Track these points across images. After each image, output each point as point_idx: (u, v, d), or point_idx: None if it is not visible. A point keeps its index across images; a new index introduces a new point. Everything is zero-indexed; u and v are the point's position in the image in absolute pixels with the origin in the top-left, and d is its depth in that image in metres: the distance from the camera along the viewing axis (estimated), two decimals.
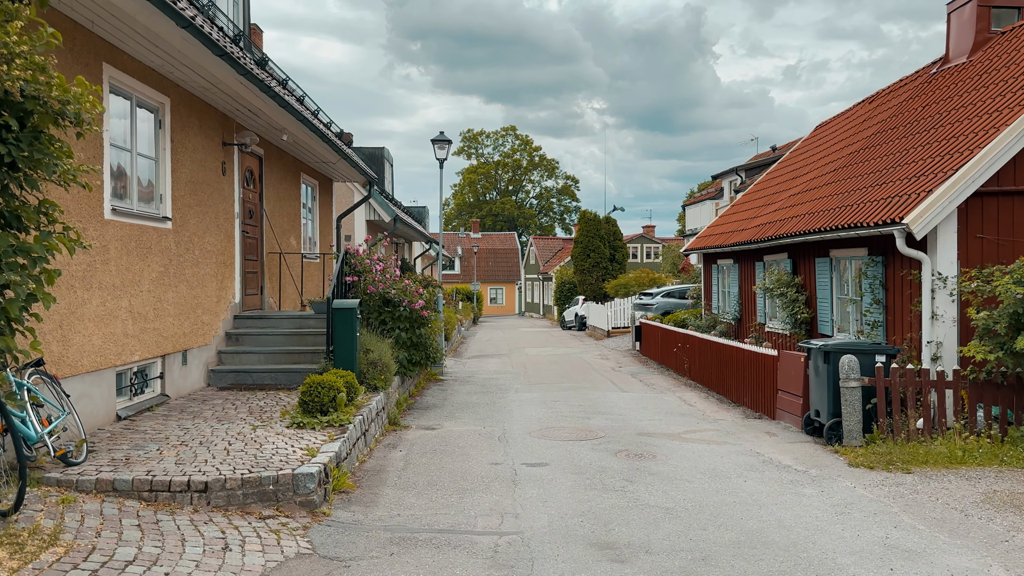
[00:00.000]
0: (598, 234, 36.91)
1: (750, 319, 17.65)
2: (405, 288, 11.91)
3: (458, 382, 16.05)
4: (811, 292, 14.10)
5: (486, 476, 7.65)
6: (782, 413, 11.18)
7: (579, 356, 22.68)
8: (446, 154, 18.14)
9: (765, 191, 20.20)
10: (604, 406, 12.53)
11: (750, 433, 10.28)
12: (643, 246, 59.94)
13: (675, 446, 9.25)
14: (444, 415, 11.51)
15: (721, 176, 41.09)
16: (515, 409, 12.15)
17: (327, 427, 7.93)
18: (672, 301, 26.50)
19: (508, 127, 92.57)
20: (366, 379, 10.26)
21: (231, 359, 10.83)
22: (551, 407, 12.36)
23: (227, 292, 11.15)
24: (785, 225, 14.79)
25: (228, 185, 11.23)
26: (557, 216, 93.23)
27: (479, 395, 13.91)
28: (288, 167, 14.28)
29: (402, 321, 11.88)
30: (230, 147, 11.24)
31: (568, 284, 44.23)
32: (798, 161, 20.01)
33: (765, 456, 8.79)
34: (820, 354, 9.80)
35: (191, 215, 9.92)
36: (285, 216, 14.06)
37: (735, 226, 19.43)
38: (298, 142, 13.11)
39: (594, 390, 14.70)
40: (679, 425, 10.84)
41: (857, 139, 16.13)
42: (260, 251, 12.77)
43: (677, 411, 12.20)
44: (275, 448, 7.01)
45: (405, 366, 12.02)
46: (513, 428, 10.39)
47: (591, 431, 10.18)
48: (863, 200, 11.95)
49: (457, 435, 9.85)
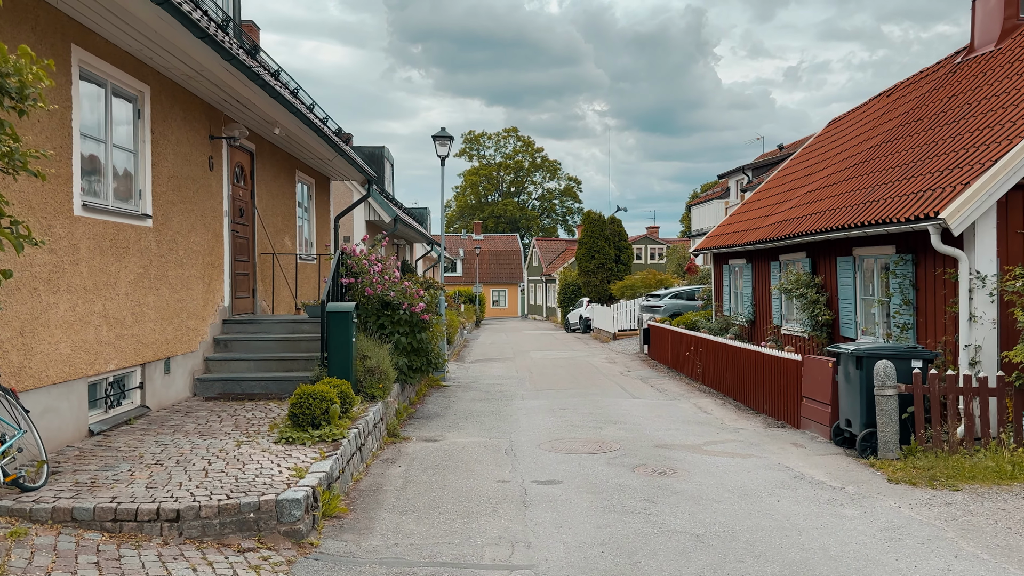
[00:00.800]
0: (603, 235, 36.21)
1: (765, 321, 16.95)
2: (405, 290, 11.23)
3: (461, 388, 15.35)
4: (832, 293, 13.40)
5: (493, 496, 6.96)
6: (807, 422, 10.48)
7: (586, 360, 21.99)
8: (447, 151, 17.45)
9: (778, 188, 19.50)
10: (616, 414, 11.84)
11: (775, 444, 9.57)
12: (647, 247, 59.27)
13: (697, 460, 8.55)
14: (447, 425, 10.81)
15: (727, 175, 40.39)
16: (522, 418, 11.45)
17: (319, 442, 7.24)
18: (680, 303, 25.79)
19: (510, 128, 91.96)
20: (363, 388, 9.57)
21: (219, 367, 10.14)
22: (560, 416, 11.66)
23: (215, 295, 10.47)
24: (803, 223, 14.09)
25: (216, 181, 10.56)
26: (559, 218, 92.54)
27: (483, 402, 13.22)
28: (282, 164, 13.61)
29: (402, 325, 11.20)
30: (218, 141, 10.56)
31: (572, 286, 43.54)
32: (812, 157, 19.31)
33: (795, 471, 8.08)
34: (851, 359, 9.10)
35: (174, 213, 9.24)
36: (279, 215, 13.39)
37: (747, 225, 18.73)
38: (291, 137, 12.43)
39: (604, 396, 14.01)
40: (698, 435, 10.14)
41: (877, 133, 15.43)
42: (252, 252, 12.09)
43: (694, 419, 11.50)
44: (259, 468, 6.32)
45: (405, 373, 11.33)
46: (521, 440, 9.70)
47: (605, 443, 9.48)
48: (890, 195, 11.26)
49: (461, 448, 9.15)
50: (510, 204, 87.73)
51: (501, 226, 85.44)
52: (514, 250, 72.95)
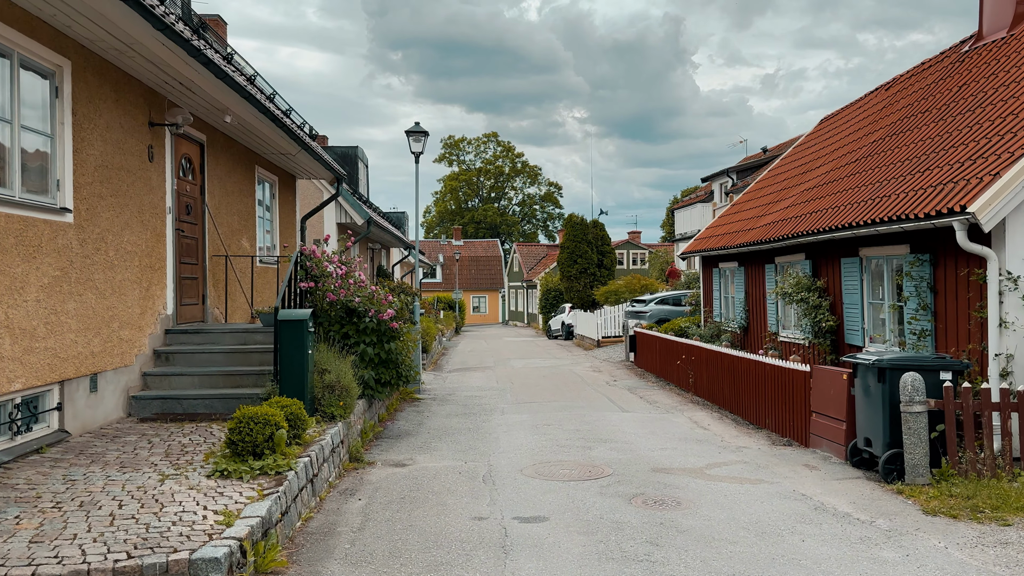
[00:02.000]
0: (585, 239, 35.21)
1: (759, 328, 15.98)
2: (372, 295, 10.10)
3: (437, 401, 14.23)
4: (836, 297, 12.44)
5: (467, 539, 5.85)
6: (818, 440, 9.47)
7: (569, 368, 20.93)
8: (422, 147, 16.35)
9: (770, 188, 18.59)
10: (605, 430, 10.77)
11: (785, 466, 8.55)
12: (629, 252, 58.47)
13: (701, 487, 7.50)
14: (418, 445, 9.69)
15: (711, 179, 39.61)
16: (502, 436, 10.35)
17: (260, 475, 6.10)
18: (667, 308, 24.82)
19: (490, 133, 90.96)
20: (321, 406, 8.44)
21: (159, 383, 8.96)
22: (544, 433, 10.58)
23: (155, 302, 9.29)
24: (802, 222, 13.14)
25: (157, 174, 9.38)
26: (540, 223, 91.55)
27: (460, 418, 12.10)
28: (239, 158, 12.44)
29: (368, 334, 10.06)
30: (159, 128, 9.40)
31: (554, 292, 42.52)
32: (805, 156, 18.43)
33: (815, 500, 7.05)
34: (872, 371, 8.10)
35: (103, 207, 8.07)
36: (235, 214, 12.21)
37: (739, 226, 17.79)
38: (247, 127, 11.28)
39: (591, 409, 12.94)
40: (698, 456, 9.09)
41: (879, 127, 14.55)
42: (201, 253, 10.91)
43: (691, 437, 10.46)
44: (180, 512, 5.18)
45: (372, 387, 10.19)
46: (500, 463, 8.60)
47: (595, 466, 8.40)
48: (902, 189, 10.31)
49: (432, 474, 8.04)
50: (490, 209, 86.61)
51: (481, 232, 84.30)
52: (494, 255, 71.83)
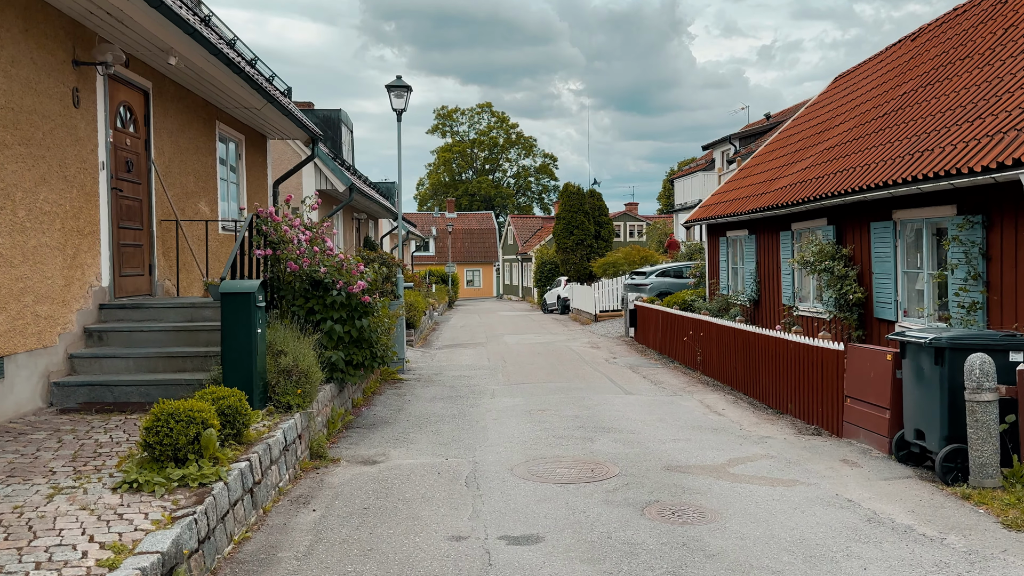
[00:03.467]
0: (582, 209, 33.80)
1: (772, 301, 14.74)
2: (340, 265, 8.79)
3: (421, 382, 12.98)
4: (864, 266, 11.18)
5: (441, 571, 4.61)
6: (854, 429, 8.24)
7: (566, 344, 19.69)
8: (404, 104, 14.93)
9: (783, 151, 17.24)
10: (608, 417, 9.54)
11: (820, 462, 7.32)
12: (626, 224, 57.07)
13: (726, 491, 6.27)
14: (394, 437, 8.44)
15: (712, 146, 38.10)
16: (491, 425, 9.11)
17: (179, 488, 4.84)
18: (668, 280, 23.55)
19: (484, 104, 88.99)
20: (275, 395, 7.16)
21: (88, 366, 7.66)
22: (538, 420, 9.34)
23: (85, 272, 7.96)
24: (825, 183, 11.83)
25: (86, 122, 8.01)
26: (535, 195, 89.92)
27: (446, 402, 10.86)
28: (195, 111, 11.03)
29: (336, 310, 8.77)
30: (88, 69, 8.01)
31: (549, 264, 41.23)
32: (821, 115, 17.05)
33: (865, 507, 5.83)
34: (927, 351, 6.84)
35: (7, 159, 6.71)
36: (190, 174, 10.83)
37: (749, 191, 16.47)
38: (199, 73, 9.87)
39: (591, 391, 11.70)
40: (717, 449, 7.86)
41: (907, 79, 13.18)
42: (147, 217, 9.56)
43: (705, 424, 9.23)
44: (55, 546, 3.91)
45: (343, 370, 8.92)
46: (488, 460, 7.36)
47: (599, 463, 7.17)
48: (948, 142, 9.00)
49: (406, 475, 6.79)
50: (484, 182, 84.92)
51: (476, 204, 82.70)
52: (489, 228, 70.36)
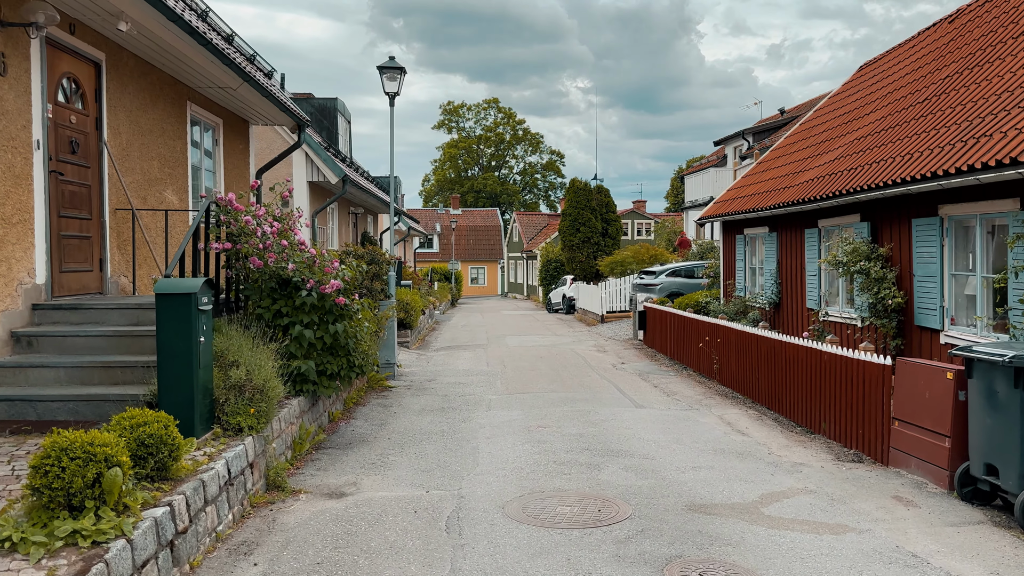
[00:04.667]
0: (589, 205, 32.62)
1: (795, 304, 13.58)
2: (310, 261, 7.67)
3: (412, 390, 11.86)
4: (904, 267, 10.02)
5: None
6: (904, 458, 7.09)
7: (570, 348, 18.55)
8: (397, 87, 13.83)
9: (805, 143, 16.06)
10: (617, 436, 8.41)
11: (869, 499, 6.18)
12: (634, 222, 55.80)
13: (763, 541, 5.13)
14: (371, 460, 7.33)
15: (724, 142, 36.90)
16: (483, 445, 7.99)
17: (66, 548, 3.74)
18: (679, 281, 22.39)
19: (490, 99, 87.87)
20: (224, 414, 6.06)
21: (11, 378, 6.56)
22: (538, 440, 8.22)
23: (12, 267, 6.87)
24: (859, 175, 10.67)
25: (15, 94, 6.91)
26: (542, 193, 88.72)
27: (435, 415, 9.74)
28: (161, 89, 9.93)
29: (307, 312, 7.65)
30: (16, 30, 6.90)
31: (554, 262, 40.06)
32: (847, 104, 15.87)
33: (936, 566, 4.70)
34: (1005, 371, 5.68)
35: None
36: (154, 159, 9.73)
37: (769, 185, 15.31)
38: (160, 44, 8.76)
39: (597, 403, 10.57)
40: (745, 480, 6.73)
41: (949, 61, 11.99)
42: (97, 205, 8.45)
43: (728, 447, 8.09)
44: None
45: (314, 381, 7.81)
46: (476, 493, 6.23)
47: (607, 501, 6.04)
48: (1011, 126, 7.84)
49: (377, 514, 5.67)
50: (490, 178, 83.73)
51: (481, 201, 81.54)
52: (494, 225, 69.20)
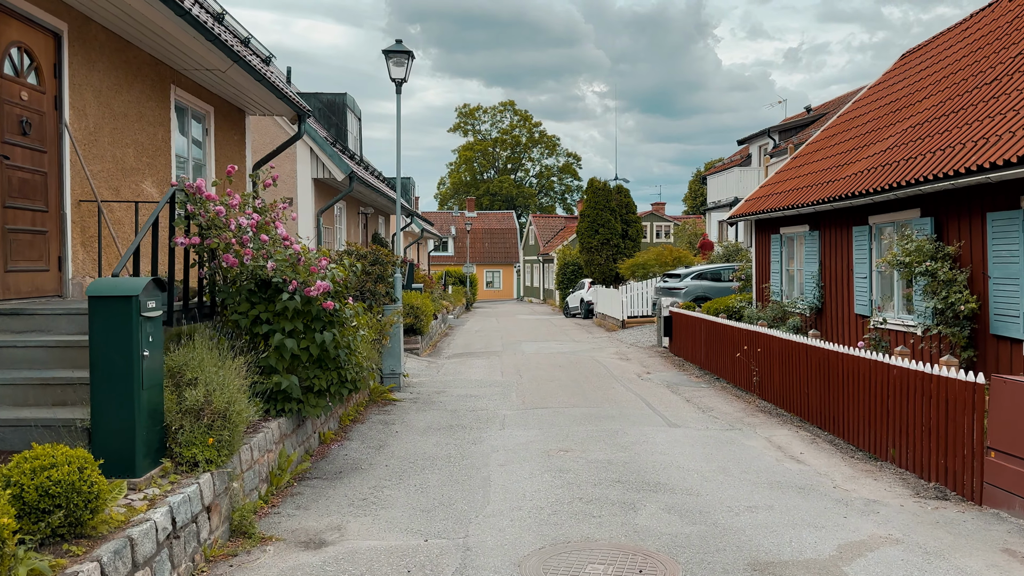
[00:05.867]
0: (608, 206, 31.40)
1: (840, 309, 12.34)
2: (293, 259, 6.56)
3: (418, 404, 10.75)
4: (976, 269, 8.79)
5: None
6: (1004, 496, 5.87)
7: (590, 355, 17.37)
8: (404, 73, 12.72)
9: (849, 133, 14.80)
10: (652, 463, 7.23)
11: (973, 553, 4.97)
12: (653, 224, 54.44)
13: None
14: (362, 495, 6.20)
15: (749, 140, 35.55)
16: (496, 475, 6.85)
17: None
18: (705, 284, 21.14)
19: (506, 102, 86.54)
20: (178, 444, 4.95)
21: None
22: (560, 469, 7.06)
23: None
24: (920, 165, 9.45)
25: None
26: (558, 196, 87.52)
27: (442, 434, 8.61)
28: (139, 69, 8.89)
29: (289, 319, 6.55)
30: None
31: (572, 266, 38.87)
32: (894, 91, 14.60)
33: None
34: None
35: None
36: (129, 146, 8.68)
37: (809, 180, 14.08)
38: (132, 16, 7.70)
39: (625, 421, 9.40)
40: (814, 525, 5.53)
41: (1013, 40, 10.73)
42: (56, 196, 7.39)
43: (786, 478, 6.88)
44: None
45: (299, 399, 6.71)
46: (486, 544, 5.09)
47: (649, 557, 4.86)
48: None
49: (360, 574, 4.54)
50: (506, 181, 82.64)
51: (497, 204, 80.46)
52: (509, 228, 68.07)
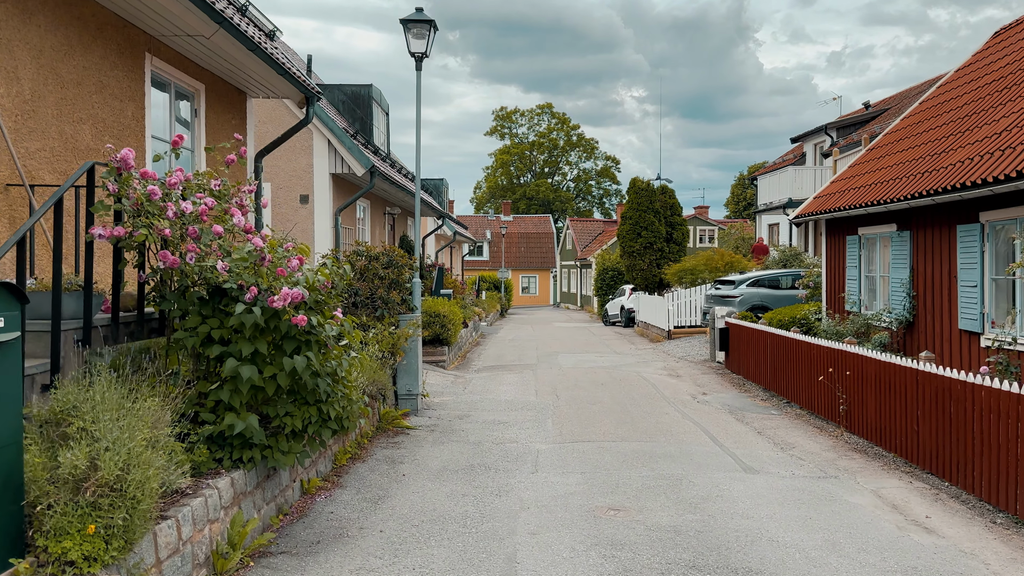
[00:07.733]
0: (651, 207, 29.47)
1: (939, 323, 10.37)
2: (255, 258, 4.90)
3: (436, 433, 9.06)
4: None
5: None
6: None
7: (635, 370, 15.53)
8: (426, 47, 11.08)
9: (940, 119, 12.78)
10: (734, 535, 5.43)
11: None
12: (696, 228, 52.23)
13: None
14: None
15: (803, 138, 33.33)
16: (524, 551, 5.10)
17: None
18: (763, 292, 19.16)
19: (544, 105, 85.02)
20: (42, 537, 3.31)
21: None
22: (610, 542, 5.29)
23: None
24: None
25: None
26: (596, 200, 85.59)
27: (460, 480, 6.90)
28: (100, 31, 7.36)
29: (247, 339, 4.88)
30: None
31: (611, 271, 36.98)
32: (993, 70, 12.54)
33: None
34: None
35: None
36: (85, 122, 7.15)
37: (894, 172, 12.11)
38: None
39: (688, 462, 7.59)
40: None
41: None
42: None
43: (922, 562, 5.02)
44: None
45: (267, 445, 5.05)
46: None
47: None
48: None
49: None
50: (543, 185, 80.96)
51: (534, 208, 78.84)
52: (546, 232, 66.34)
